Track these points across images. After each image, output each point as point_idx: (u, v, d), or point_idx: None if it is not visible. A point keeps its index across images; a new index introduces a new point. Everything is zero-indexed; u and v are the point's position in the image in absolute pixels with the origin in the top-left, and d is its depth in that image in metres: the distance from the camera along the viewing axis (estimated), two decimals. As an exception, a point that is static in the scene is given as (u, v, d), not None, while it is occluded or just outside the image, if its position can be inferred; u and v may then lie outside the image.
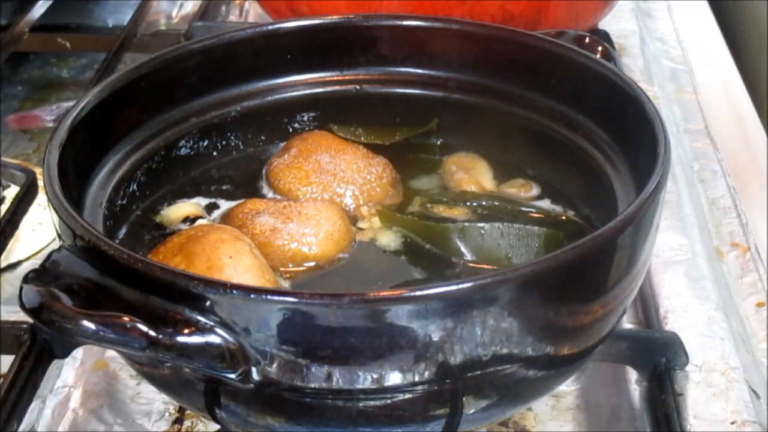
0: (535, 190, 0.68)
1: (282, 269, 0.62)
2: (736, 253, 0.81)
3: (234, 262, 0.56)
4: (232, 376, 0.49)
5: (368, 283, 0.62)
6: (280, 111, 0.73)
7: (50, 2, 1.13)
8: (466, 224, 0.63)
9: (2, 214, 0.80)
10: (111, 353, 0.71)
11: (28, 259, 0.86)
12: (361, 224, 0.66)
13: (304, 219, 0.63)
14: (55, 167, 0.57)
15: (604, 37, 0.92)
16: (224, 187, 0.70)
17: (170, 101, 0.68)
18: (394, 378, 0.49)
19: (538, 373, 0.54)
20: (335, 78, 0.73)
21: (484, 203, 0.66)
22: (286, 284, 0.61)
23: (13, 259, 0.85)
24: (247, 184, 0.70)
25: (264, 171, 0.71)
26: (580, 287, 0.52)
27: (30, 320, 0.51)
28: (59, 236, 0.55)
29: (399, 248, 0.64)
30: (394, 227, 0.65)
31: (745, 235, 0.83)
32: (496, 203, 0.67)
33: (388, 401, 0.51)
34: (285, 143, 0.72)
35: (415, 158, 0.72)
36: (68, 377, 0.69)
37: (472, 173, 0.69)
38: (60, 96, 1.14)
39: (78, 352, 0.70)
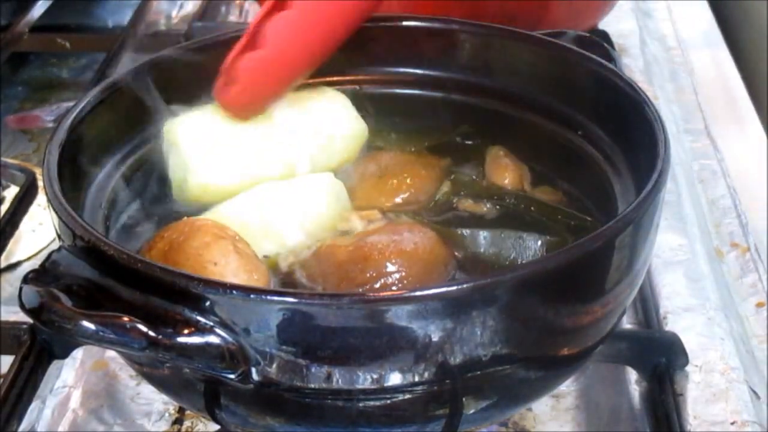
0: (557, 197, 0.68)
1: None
2: (736, 253, 0.81)
3: (220, 269, 0.56)
4: (232, 376, 0.49)
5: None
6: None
7: (50, 2, 1.13)
8: (468, 231, 0.63)
9: (2, 214, 0.80)
10: (111, 353, 0.71)
11: (28, 259, 0.86)
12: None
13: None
14: (55, 167, 0.57)
15: (604, 37, 0.92)
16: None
17: (170, 101, 0.68)
18: (393, 378, 0.49)
19: (538, 374, 0.54)
20: (335, 78, 0.72)
21: (510, 201, 0.66)
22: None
23: (13, 260, 0.85)
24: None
25: None
26: (579, 287, 0.52)
27: (30, 320, 0.51)
28: (59, 236, 0.55)
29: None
30: None
31: (745, 236, 0.83)
32: (522, 204, 0.66)
33: (388, 401, 0.51)
34: None
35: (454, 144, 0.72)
36: (68, 377, 0.69)
37: (517, 164, 0.69)
38: (60, 96, 1.14)
39: (78, 353, 0.70)
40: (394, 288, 0.56)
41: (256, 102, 0.65)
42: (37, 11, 1.11)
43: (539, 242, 0.62)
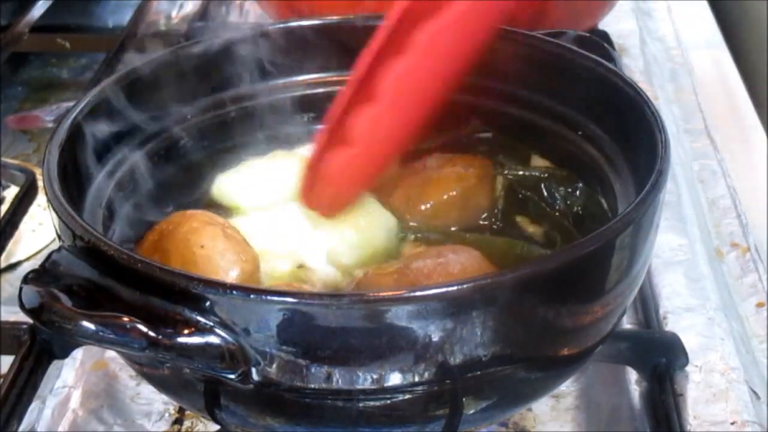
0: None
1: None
2: (736, 253, 0.81)
3: (207, 251, 0.56)
4: (232, 376, 0.49)
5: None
6: (280, 111, 0.73)
7: (50, 2, 1.13)
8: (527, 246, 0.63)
9: (2, 214, 0.80)
10: (111, 353, 0.71)
11: (28, 259, 0.86)
12: None
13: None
14: (55, 167, 0.57)
15: (604, 37, 0.92)
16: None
17: (170, 101, 0.68)
18: (393, 378, 0.49)
19: (538, 374, 0.54)
20: (335, 78, 0.72)
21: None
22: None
23: (13, 260, 0.85)
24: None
25: None
26: (580, 288, 0.52)
27: (30, 320, 0.51)
28: (59, 237, 0.55)
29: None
30: None
31: (745, 236, 0.83)
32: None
33: (388, 401, 0.51)
34: None
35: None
36: (68, 377, 0.69)
37: None
38: (60, 96, 1.14)
39: (78, 353, 0.70)
40: None
41: (347, 200, 0.64)
42: (37, 11, 1.11)
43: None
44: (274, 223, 0.64)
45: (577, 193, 0.65)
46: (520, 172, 0.68)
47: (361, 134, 0.60)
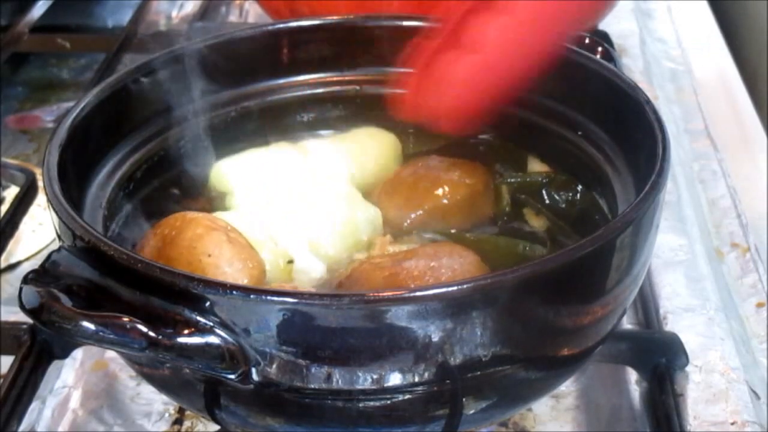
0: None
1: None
2: (736, 253, 0.81)
3: (214, 260, 0.56)
4: (232, 376, 0.49)
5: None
6: (280, 111, 0.73)
7: (50, 2, 1.13)
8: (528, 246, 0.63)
9: (2, 214, 0.80)
10: (111, 354, 0.71)
11: (28, 259, 0.86)
12: None
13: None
14: (55, 168, 0.57)
15: (604, 37, 0.92)
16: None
17: (170, 102, 0.68)
18: (393, 378, 0.49)
19: (538, 374, 0.54)
20: (335, 78, 0.73)
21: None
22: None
23: (13, 260, 0.85)
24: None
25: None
26: (579, 288, 0.52)
27: (30, 321, 0.51)
28: (59, 237, 0.55)
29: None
30: None
31: (745, 236, 0.83)
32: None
33: (388, 402, 0.51)
34: None
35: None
36: (68, 378, 0.69)
37: None
38: (60, 96, 1.14)
39: (78, 353, 0.70)
40: None
41: (469, 110, 0.58)
42: (37, 11, 1.11)
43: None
44: (260, 215, 0.64)
45: (578, 196, 0.65)
46: (521, 179, 0.68)
47: (488, 41, 0.55)
